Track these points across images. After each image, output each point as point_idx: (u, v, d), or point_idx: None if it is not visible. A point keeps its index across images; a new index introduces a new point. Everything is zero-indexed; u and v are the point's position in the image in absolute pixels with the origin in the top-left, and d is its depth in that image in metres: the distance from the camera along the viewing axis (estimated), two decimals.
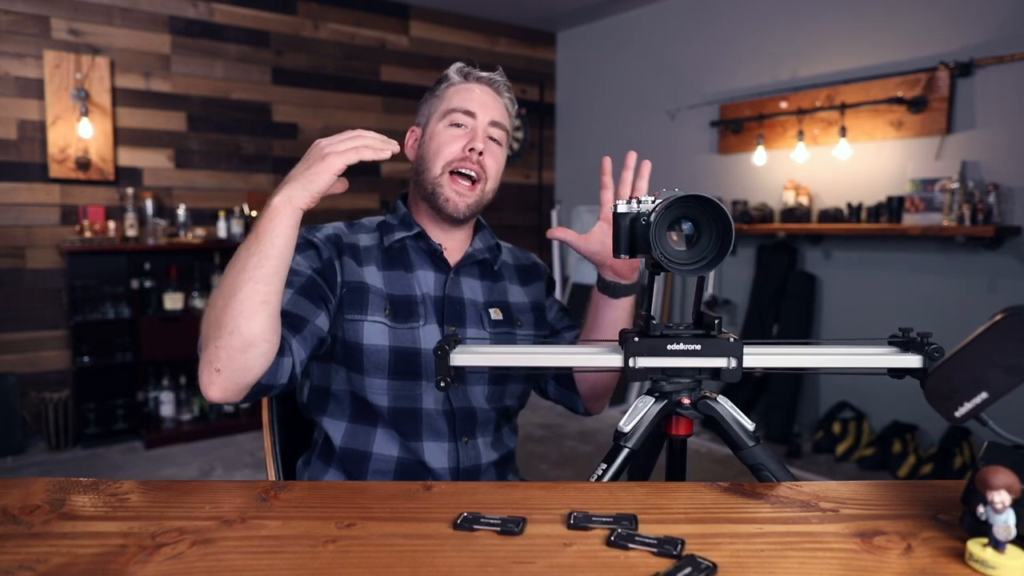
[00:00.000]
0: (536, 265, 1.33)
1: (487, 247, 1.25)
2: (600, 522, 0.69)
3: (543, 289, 1.30)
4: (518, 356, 0.89)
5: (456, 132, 1.15)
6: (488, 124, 1.15)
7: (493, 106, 1.17)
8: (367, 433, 1.11)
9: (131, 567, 0.61)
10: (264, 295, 0.90)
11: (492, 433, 1.18)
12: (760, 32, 3.97)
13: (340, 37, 4.44)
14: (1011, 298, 3.01)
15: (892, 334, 0.87)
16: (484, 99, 1.16)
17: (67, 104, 3.56)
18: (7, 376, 3.48)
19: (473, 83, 1.18)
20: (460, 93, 1.16)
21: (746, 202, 3.95)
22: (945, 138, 3.22)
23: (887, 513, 0.73)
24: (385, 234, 1.18)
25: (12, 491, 0.77)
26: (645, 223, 0.82)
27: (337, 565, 0.62)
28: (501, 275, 1.26)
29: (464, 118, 1.15)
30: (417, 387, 1.11)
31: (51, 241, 3.61)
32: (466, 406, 1.14)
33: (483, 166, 1.14)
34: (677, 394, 0.87)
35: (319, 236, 1.14)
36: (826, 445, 3.55)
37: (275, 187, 0.96)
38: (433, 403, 1.12)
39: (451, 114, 1.15)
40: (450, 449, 1.12)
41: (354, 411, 1.13)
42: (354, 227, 1.21)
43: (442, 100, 1.17)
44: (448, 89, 1.18)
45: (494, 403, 1.17)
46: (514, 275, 1.28)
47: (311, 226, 1.16)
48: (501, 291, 1.24)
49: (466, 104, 1.15)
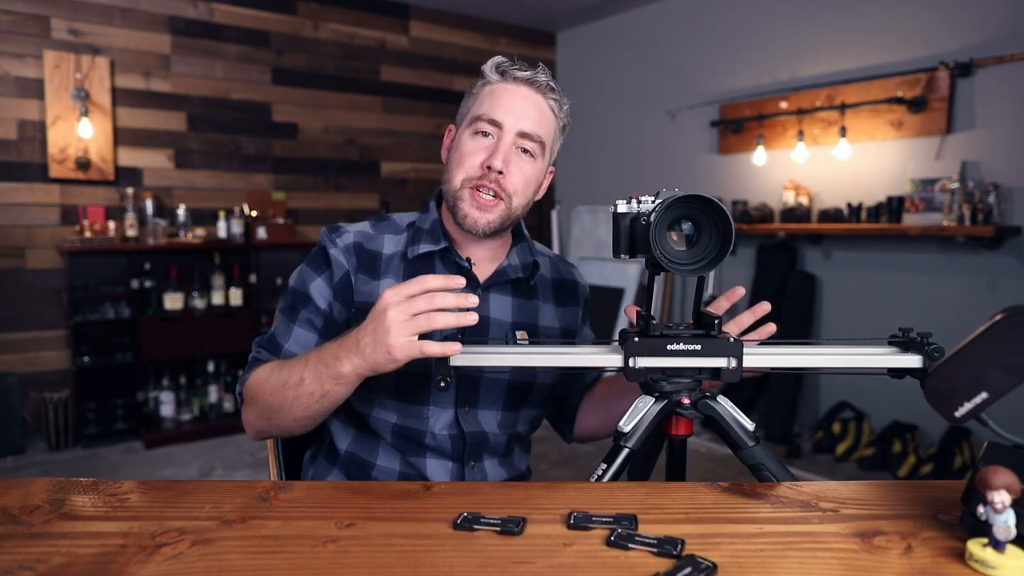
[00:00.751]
0: (575, 284, 1.24)
1: (523, 264, 1.15)
2: (600, 522, 0.69)
3: (578, 316, 1.23)
4: (519, 356, 0.89)
5: (479, 143, 1.05)
6: (517, 136, 1.04)
7: (528, 112, 1.05)
8: (372, 443, 1.10)
9: (131, 567, 0.61)
10: (319, 421, 1.00)
11: (501, 456, 1.14)
12: (760, 32, 3.97)
13: (340, 37, 4.44)
14: (1011, 298, 3.01)
15: (892, 334, 0.87)
16: (518, 104, 1.05)
17: (67, 104, 3.56)
18: (7, 376, 3.48)
19: (510, 83, 1.06)
20: (494, 95, 1.05)
21: (746, 202, 3.95)
22: (945, 138, 3.22)
23: (887, 513, 0.73)
24: (411, 244, 1.11)
25: (12, 491, 0.77)
26: (645, 223, 0.82)
27: (337, 565, 0.62)
28: (536, 292, 1.17)
29: (489, 127, 1.04)
30: (424, 410, 1.07)
31: (51, 241, 3.61)
32: (477, 431, 1.09)
33: (502, 185, 1.04)
34: (677, 394, 0.87)
35: (338, 247, 1.08)
36: (826, 445, 3.55)
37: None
38: (440, 427, 1.07)
39: (477, 121, 1.05)
40: (454, 470, 1.09)
41: (358, 425, 1.11)
42: (381, 226, 1.13)
43: (476, 101, 1.07)
44: (484, 88, 1.07)
45: (506, 429, 1.12)
46: (550, 292, 1.19)
47: (333, 227, 1.11)
48: (532, 311, 1.16)
49: (494, 111, 1.04)
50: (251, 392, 1.02)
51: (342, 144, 4.48)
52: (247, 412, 1.04)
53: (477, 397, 1.10)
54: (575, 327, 1.22)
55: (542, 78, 1.06)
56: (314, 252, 1.12)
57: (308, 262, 1.11)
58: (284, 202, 4.23)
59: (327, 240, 1.10)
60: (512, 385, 1.12)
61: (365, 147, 4.57)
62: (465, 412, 1.09)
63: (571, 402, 1.23)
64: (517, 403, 1.13)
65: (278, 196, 4.21)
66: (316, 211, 4.40)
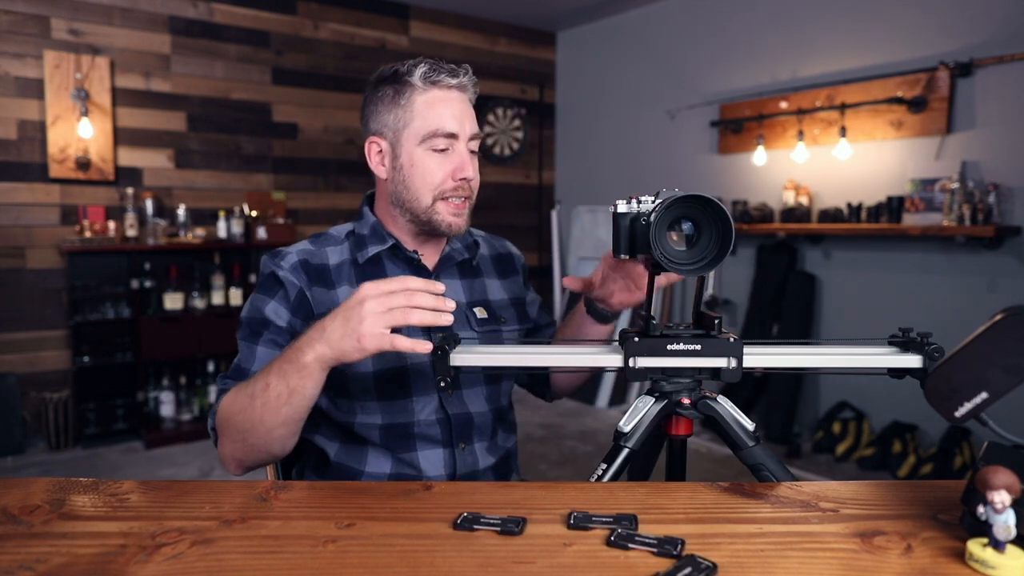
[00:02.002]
0: (511, 255, 1.31)
1: (465, 245, 1.22)
2: (600, 522, 0.69)
3: (520, 283, 1.29)
4: (519, 356, 0.89)
5: (440, 159, 1.07)
6: (469, 139, 1.09)
7: (468, 114, 1.09)
8: (359, 452, 1.10)
9: (131, 567, 0.61)
10: (294, 431, 0.96)
11: (488, 438, 1.16)
12: (760, 32, 3.97)
13: (340, 37, 4.44)
14: (1011, 298, 3.01)
15: (892, 334, 0.87)
16: (460, 110, 1.08)
17: (67, 104, 3.56)
18: (7, 376, 3.48)
19: (443, 90, 1.07)
20: (434, 107, 1.06)
21: (746, 202, 3.95)
22: (945, 138, 3.22)
23: (887, 513, 0.73)
24: (358, 250, 1.13)
25: (12, 491, 0.77)
26: (645, 223, 0.82)
27: (337, 565, 0.62)
28: (480, 270, 1.23)
29: (446, 142, 1.07)
30: (408, 403, 1.09)
31: (51, 241, 3.61)
32: (463, 412, 1.12)
33: (471, 188, 1.10)
34: (677, 394, 0.87)
35: (285, 268, 1.09)
36: (826, 445, 3.55)
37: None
38: (426, 414, 1.10)
39: (433, 139, 1.06)
40: (446, 455, 1.10)
41: (343, 433, 1.12)
42: (320, 241, 1.16)
43: (412, 115, 1.07)
44: (416, 99, 1.06)
45: (492, 404, 1.16)
46: (491, 268, 1.26)
47: (274, 253, 1.12)
48: (481, 288, 1.22)
49: (445, 125, 1.06)
50: (222, 419, 0.98)
51: (342, 144, 4.48)
52: (222, 444, 1.00)
53: (458, 378, 1.10)
54: (521, 294, 1.28)
55: (466, 80, 1.09)
56: (262, 280, 1.11)
57: (258, 290, 1.11)
58: (284, 202, 4.23)
59: (272, 265, 1.10)
60: None
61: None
62: (448, 395, 1.10)
63: None
64: (496, 376, 1.17)
65: (278, 196, 4.21)
66: (316, 211, 4.40)
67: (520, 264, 1.31)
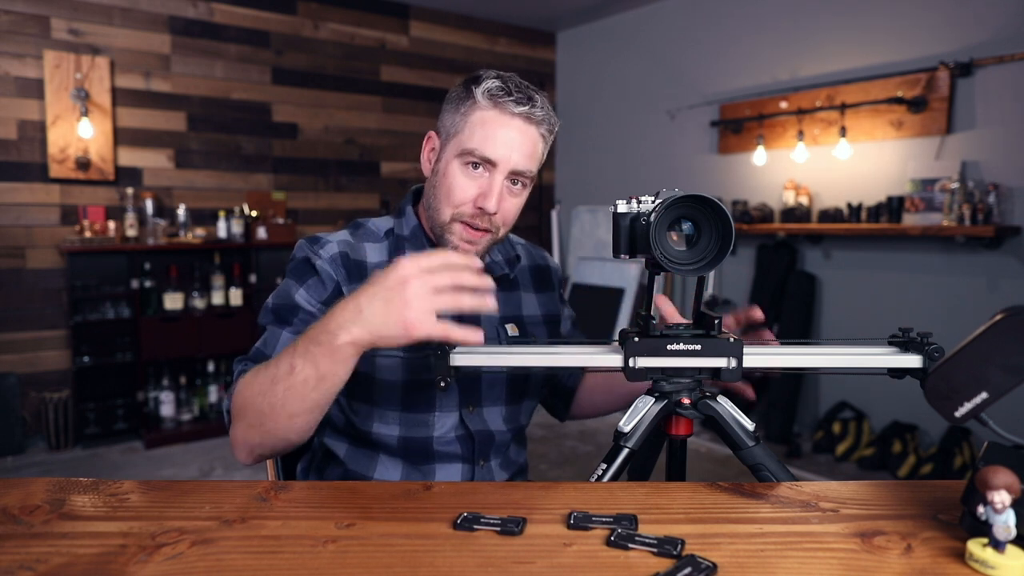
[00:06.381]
0: (550, 269, 1.26)
1: (506, 259, 1.16)
2: (600, 522, 0.69)
3: (556, 300, 1.24)
4: (519, 356, 0.89)
5: (470, 178, 1.01)
6: (510, 173, 1.01)
7: (520, 147, 1.00)
8: (369, 458, 1.08)
9: (131, 567, 0.61)
10: (318, 417, 0.90)
11: (503, 455, 1.14)
12: (760, 32, 3.97)
13: (340, 37, 4.44)
14: (1011, 298, 3.01)
15: (892, 334, 0.87)
16: (512, 139, 0.99)
17: (67, 104, 3.56)
18: (7, 376, 3.48)
19: (504, 115, 0.99)
20: (486, 127, 0.99)
21: (746, 202, 3.95)
22: (945, 138, 3.22)
23: (887, 513, 0.73)
24: (397, 252, 1.08)
25: (12, 491, 0.77)
26: (645, 223, 0.82)
27: (337, 565, 0.62)
28: (517, 283, 1.18)
29: (482, 164, 1.00)
30: (430, 417, 1.06)
31: (51, 241, 3.61)
32: (483, 429, 1.09)
33: (492, 221, 1.02)
34: (677, 394, 0.87)
35: (324, 258, 1.04)
36: (826, 445, 3.55)
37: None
38: (446, 430, 1.07)
39: (470, 156, 1.00)
40: (464, 471, 1.08)
41: (352, 437, 1.09)
42: (359, 234, 1.10)
43: (465, 124, 1.01)
44: (474, 113, 1.00)
45: (511, 424, 1.13)
46: (528, 280, 1.21)
47: (313, 239, 1.07)
48: (516, 303, 1.17)
49: (486, 147, 0.99)
50: (239, 403, 0.92)
51: (342, 144, 4.48)
52: (236, 428, 0.93)
53: (480, 396, 1.10)
54: (556, 311, 1.23)
55: (539, 113, 1.01)
56: (295, 264, 1.06)
57: (290, 275, 1.06)
58: (284, 202, 4.23)
59: (309, 251, 1.05)
60: (512, 378, 1.13)
61: (365, 147, 4.57)
62: (469, 412, 1.09)
63: (568, 383, 1.25)
64: (519, 396, 1.14)
65: (278, 196, 4.21)
66: (316, 211, 4.40)
67: (557, 278, 1.26)
